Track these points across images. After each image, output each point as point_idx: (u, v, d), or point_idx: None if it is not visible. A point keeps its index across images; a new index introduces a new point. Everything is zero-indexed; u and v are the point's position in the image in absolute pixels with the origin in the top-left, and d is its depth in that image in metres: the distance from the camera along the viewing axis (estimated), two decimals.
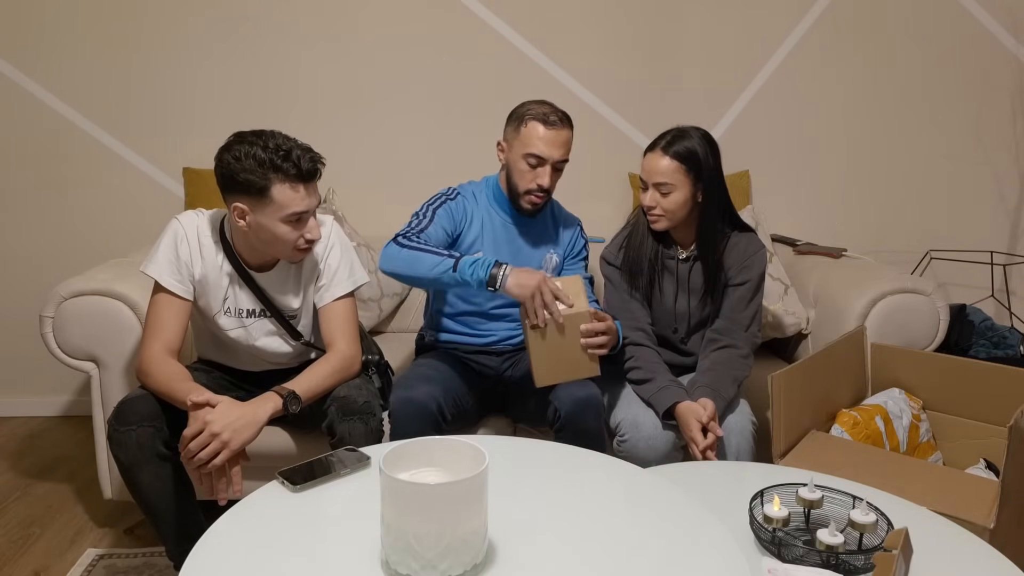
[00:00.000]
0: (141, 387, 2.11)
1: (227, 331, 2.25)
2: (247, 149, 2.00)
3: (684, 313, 2.49)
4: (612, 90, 3.54)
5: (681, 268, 2.46)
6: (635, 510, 1.59)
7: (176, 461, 2.07)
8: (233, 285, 2.22)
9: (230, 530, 1.50)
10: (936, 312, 2.69)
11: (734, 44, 3.53)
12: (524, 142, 2.34)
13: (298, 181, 2.03)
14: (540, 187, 2.35)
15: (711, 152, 2.34)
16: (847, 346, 2.49)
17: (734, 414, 2.32)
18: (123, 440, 2.01)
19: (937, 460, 2.43)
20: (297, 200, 2.05)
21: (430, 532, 1.26)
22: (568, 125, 2.37)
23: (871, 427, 2.30)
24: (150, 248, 2.19)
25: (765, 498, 1.67)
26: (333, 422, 2.08)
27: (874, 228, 3.73)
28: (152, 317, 2.14)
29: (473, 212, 2.45)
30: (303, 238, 2.11)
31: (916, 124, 3.65)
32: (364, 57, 3.44)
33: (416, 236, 2.27)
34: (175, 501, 2.11)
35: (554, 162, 2.34)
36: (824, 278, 2.97)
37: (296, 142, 2.05)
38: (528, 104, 2.39)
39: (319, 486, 1.67)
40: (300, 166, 2.02)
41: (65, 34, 3.35)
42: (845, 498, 1.67)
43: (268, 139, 2.02)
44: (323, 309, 2.27)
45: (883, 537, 1.53)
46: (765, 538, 1.56)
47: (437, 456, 1.42)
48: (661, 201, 2.34)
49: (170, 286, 2.13)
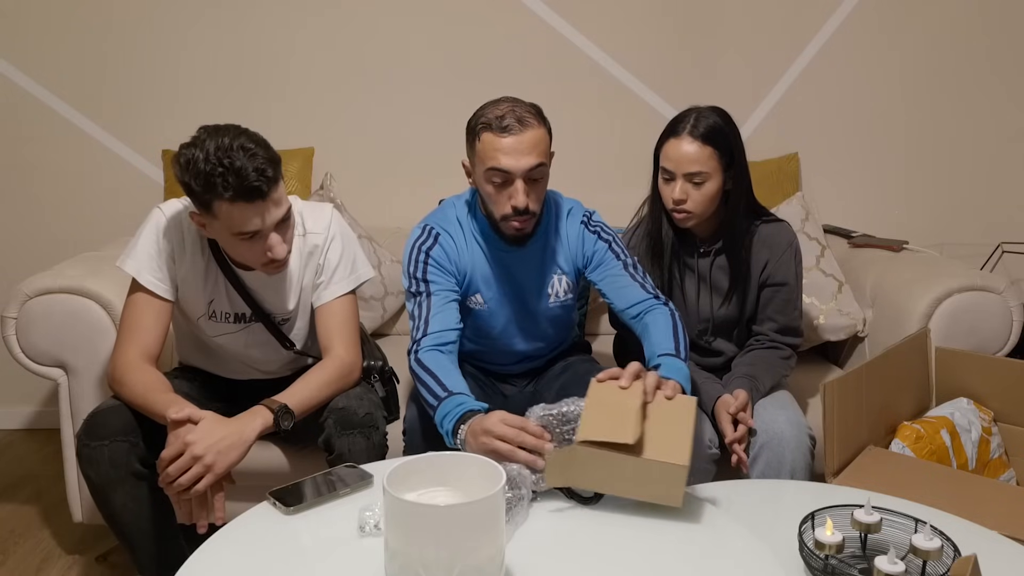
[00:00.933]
0: (114, 397, 2.11)
1: (212, 336, 2.26)
2: (194, 153, 1.92)
3: (708, 312, 2.50)
4: (643, 62, 3.53)
5: (702, 264, 2.47)
6: (669, 533, 1.59)
7: (154, 480, 2.08)
8: (219, 285, 2.22)
9: (214, 558, 1.50)
10: (1009, 312, 2.67)
11: (781, 11, 3.52)
12: (482, 158, 2.13)
13: (239, 199, 1.93)
14: (516, 209, 2.14)
15: (736, 134, 2.35)
16: (909, 350, 2.48)
17: (790, 426, 2.29)
18: (94, 457, 2.01)
19: (1010, 479, 2.42)
20: (243, 219, 1.96)
21: (440, 559, 1.26)
22: (533, 123, 2.11)
23: (936, 442, 2.29)
24: (127, 241, 2.19)
25: (816, 521, 1.67)
26: (331, 436, 2.08)
27: (939, 218, 3.71)
28: (128, 318, 2.14)
29: (460, 252, 2.30)
30: (267, 256, 2.05)
31: (986, 101, 3.62)
32: (364, 28, 3.45)
33: (418, 362, 2.11)
34: (152, 525, 2.11)
35: (524, 173, 2.11)
36: (883, 274, 2.96)
37: (250, 150, 1.93)
38: (481, 110, 2.18)
39: (315, 508, 1.67)
40: (241, 184, 1.91)
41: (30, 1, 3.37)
42: (906, 521, 1.66)
43: (219, 145, 1.91)
44: (320, 309, 2.27)
45: (949, 565, 1.53)
46: (817, 566, 1.56)
47: (448, 474, 1.42)
48: (692, 193, 2.31)
49: (150, 285, 2.12)
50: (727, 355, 2.54)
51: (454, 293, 2.25)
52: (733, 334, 2.54)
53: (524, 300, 2.36)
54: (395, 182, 3.51)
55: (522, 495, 1.66)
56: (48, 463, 3.35)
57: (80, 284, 2.46)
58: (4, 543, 2.77)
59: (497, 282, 2.33)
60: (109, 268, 2.37)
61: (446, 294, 2.23)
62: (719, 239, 2.45)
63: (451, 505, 1.28)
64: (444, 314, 2.19)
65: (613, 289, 2.30)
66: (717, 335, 2.54)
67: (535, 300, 2.37)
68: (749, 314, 2.51)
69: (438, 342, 2.13)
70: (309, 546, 1.54)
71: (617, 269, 2.32)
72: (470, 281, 2.31)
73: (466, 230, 2.32)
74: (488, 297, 2.33)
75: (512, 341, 2.41)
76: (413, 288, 2.23)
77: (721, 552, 1.55)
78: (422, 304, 2.21)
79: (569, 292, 2.39)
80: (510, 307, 2.35)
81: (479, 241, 2.31)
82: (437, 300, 2.21)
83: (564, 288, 2.38)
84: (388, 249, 3.21)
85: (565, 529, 1.60)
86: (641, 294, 2.26)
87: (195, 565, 1.48)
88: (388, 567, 1.32)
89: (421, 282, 2.22)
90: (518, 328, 2.38)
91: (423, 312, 2.19)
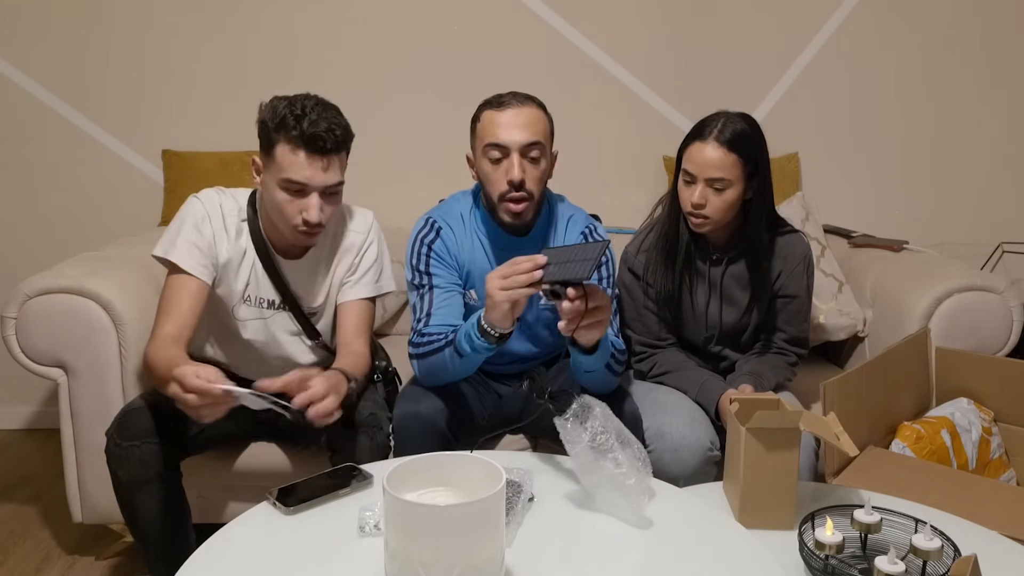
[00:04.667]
0: (141, 397, 2.12)
1: (245, 322, 2.27)
2: (277, 101, 2.06)
3: (716, 320, 2.49)
4: (643, 63, 3.53)
5: (714, 272, 2.46)
6: (669, 534, 1.59)
7: (177, 483, 2.09)
8: (255, 270, 2.23)
9: (214, 558, 1.51)
10: (1009, 312, 2.67)
11: (781, 12, 3.52)
12: (480, 136, 2.19)
13: (300, 146, 2.03)
14: (512, 183, 2.14)
15: (763, 143, 2.33)
16: (909, 350, 2.49)
17: None
18: (125, 456, 2.04)
19: (1010, 479, 2.42)
20: (296, 166, 2.04)
21: (440, 560, 1.26)
22: (530, 103, 2.18)
23: (936, 442, 2.29)
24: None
25: (817, 521, 1.67)
26: (334, 436, 2.09)
27: (939, 218, 3.71)
28: (166, 300, 2.13)
29: (461, 245, 2.31)
30: (301, 216, 2.09)
31: (986, 100, 3.62)
32: (365, 28, 3.45)
33: (422, 337, 2.15)
34: (169, 526, 2.14)
35: (520, 147, 2.13)
36: (883, 274, 2.96)
37: (325, 107, 2.08)
38: (484, 100, 2.25)
39: (315, 508, 1.67)
40: (304, 129, 2.02)
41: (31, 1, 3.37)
42: (906, 521, 1.66)
43: (301, 97, 2.07)
44: (343, 305, 2.30)
45: (949, 565, 1.53)
46: (817, 566, 1.56)
47: (448, 474, 1.42)
48: (712, 199, 2.28)
49: (191, 268, 2.13)
50: (732, 360, 2.54)
51: (457, 286, 2.26)
52: (740, 342, 2.54)
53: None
54: (395, 182, 3.51)
55: (521, 493, 1.66)
56: (48, 463, 3.35)
57: (80, 284, 2.46)
58: (4, 543, 2.76)
59: None
60: (109, 268, 2.38)
61: (449, 287, 2.24)
62: (733, 247, 2.43)
63: (451, 505, 1.28)
64: (447, 309, 2.20)
65: None
66: (723, 343, 2.53)
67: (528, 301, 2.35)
68: (757, 323, 2.51)
69: (443, 321, 2.17)
70: (309, 546, 1.54)
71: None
72: (467, 276, 2.32)
73: (468, 224, 2.32)
74: (483, 295, 2.33)
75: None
76: (416, 280, 2.25)
77: (721, 552, 1.55)
78: (424, 296, 2.22)
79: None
80: None
81: (480, 237, 2.31)
82: (440, 294, 2.22)
83: None
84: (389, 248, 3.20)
85: (565, 529, 1.60)
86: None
87: (195, 564, 1.48)
88: (388, 567, 1.32)
89: (424, 274, 2.24)
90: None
91: (425, 305, 2.21)
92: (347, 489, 1.72)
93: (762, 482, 1.77)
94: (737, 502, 1.81)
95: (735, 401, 1.91)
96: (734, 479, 1.85)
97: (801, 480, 2.18)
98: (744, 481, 1.78)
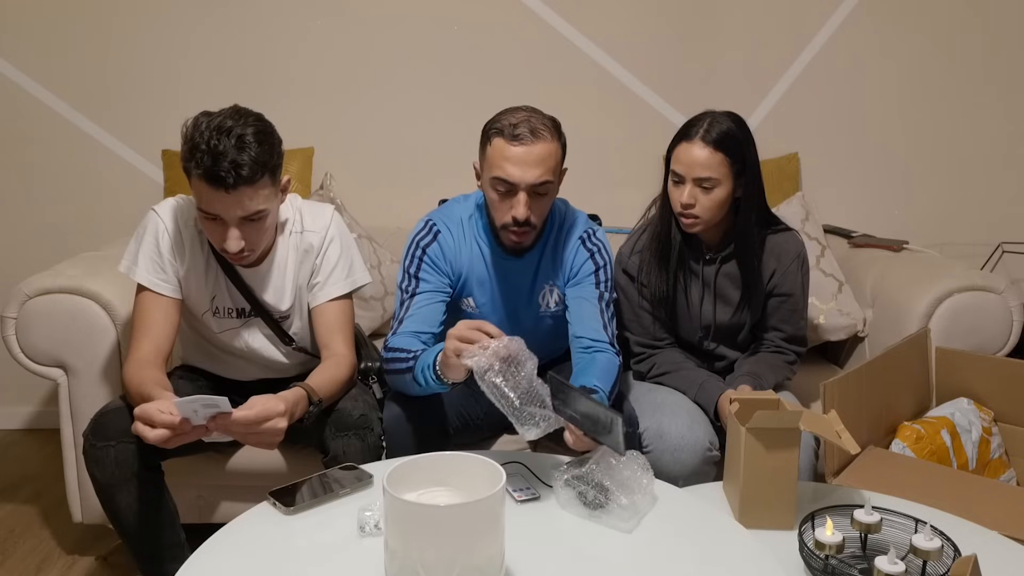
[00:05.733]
0: (121, 397, 2.12)
1: (217, 333, 2.26)
2: (200, 121, 1.98)
3: (710, 318, 2.49)
4: (644, 63, 3.53)
5: (707, 271, 2.46)
6: (669, 534, 1.59)
7: (158, 482, 2.08)
8: (219, 281, 2.23)
9: (214, 558, 1.51)
10: (1009, 312, 2.67)
11: (780, 12, 3.52)
12: (490, 164, 2.13)
13: (205, 181, 1.95)
14: (516, 220, 2.13)
15: (750, 141, 2.34)
16: (909, 350, 2.49)
17: None
18: (100, 457, 2.02)
19: (1010, 479, 2.42)
20: (209, 200, 1.98)
21: (440, 559, 1.26)
22: (546, 136, 2.10)
23: (936, 442, 2.29)
24: (127, 241, 2.19)
25: (817, 521, 1.67)
26: (326, 438, 2.08)
27: (939, 218, 3.71)
28: (138, 319, 2.15)
29: (459, 251, 2.30)
30: (223, 245, 2.05)
31: (986, 100, 3.62)
32: (365, 28, 3.45)
33: (388, 352, 2.13)
34: (155, 525, 2.12)
35: (528, 187, 2.10)
36: (883, 274, 2.96)
37: (243, 143, 1.95)
38: (499, 115, 2.16)
39: (315, 508, 1.67)
40: (211, 167, 1.93)
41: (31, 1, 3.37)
42: (906, 521, 1.66)
43: (220, 124, 1.95)
44: (316, 309, 2.28)
45: (949, 565, 1.53)
46: (817, 566, 1.56)
47: (448, 474, 1.42)
48: (701, 198, 2.29)
49: (154, 286, 2.14)
50: (729, 359, 2.54)
51: (442, 293, 2.25)
52: (736, 340, 2.54)
53: (515, 307, 2.35)
54: (395, 182, 3.51)
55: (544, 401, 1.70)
56: (48, 463, 3.35)
57: (80, 284, 2.46)
58: (4, 543, 2.76)
59: (491, 286, 2.32)
60: (109, 268, 2.37)
61: (433, 294, 2.22)
62: (726, 246, 2.43)
63: (451, 505, 1.28)
64: (420, 316, 2.19)
65: (577, 312, 2.28)
66: (719, 341, 2.53)
67: (525, 308, 2.36)
68: (753, 322, 2.51)
69: (412, 330, 2.16)
70: (309, 546, 1.54)
71: (592, 296, 2.29)
72: (464, 282, 2.31)
73: (468, 230, 2.31)
74: (481, 302, 2.33)
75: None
76: (404, 283, 2.24)
77: (721, 552, 1.55)
78: (405, 302, 2.22)
79: (560, 304, 2.37)
80: (501, 313, 2.34)
81: (479, 243, 2.30)
82: (420, 299, 2.21)
83: (556, 299, 2.37)
84: (388, 249, 3.21)
85: (565, 529, 1.60)
86: (600, 333, 2.23)
87: (195, 565, 1.48)
88: (388, 567, 1.32)
89: (412, 278, 2.23)
90: (509, 335, 2.37)
91: (401, 312, 2.21)
92: (347, 489, 1.72)
93: (762, 482, 1.78)
94: (737, 502, 1.81)
95: (735, 401, 1.91)
96: (734, 479, 1.85)
97: (801, 480, 2.18)
98: (744, 481, 1.78)
